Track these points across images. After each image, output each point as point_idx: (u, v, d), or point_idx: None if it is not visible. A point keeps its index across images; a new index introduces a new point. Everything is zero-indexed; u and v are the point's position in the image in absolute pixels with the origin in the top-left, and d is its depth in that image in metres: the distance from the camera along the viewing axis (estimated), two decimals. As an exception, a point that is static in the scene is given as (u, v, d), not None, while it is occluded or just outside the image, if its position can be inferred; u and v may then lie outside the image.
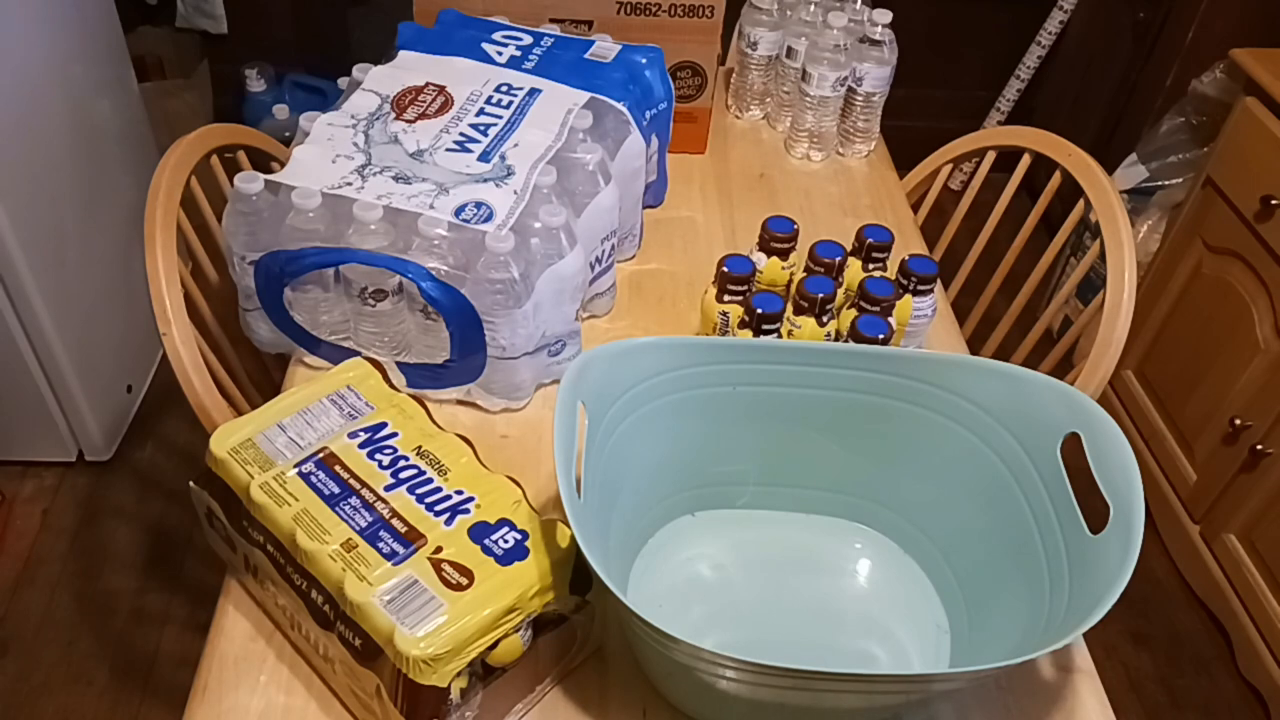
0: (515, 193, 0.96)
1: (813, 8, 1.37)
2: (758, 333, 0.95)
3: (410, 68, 1.10)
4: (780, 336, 0.97)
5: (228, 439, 0.79)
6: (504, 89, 1.08)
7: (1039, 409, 0.81)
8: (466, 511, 0.76)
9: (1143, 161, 2.03)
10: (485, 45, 1.14)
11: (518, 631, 0.72)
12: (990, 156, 1.39)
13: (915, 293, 1.01)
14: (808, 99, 1.36)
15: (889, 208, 1.36)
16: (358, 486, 0.77)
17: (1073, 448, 0.79)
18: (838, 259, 0.99)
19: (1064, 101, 2.52)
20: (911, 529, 0.92)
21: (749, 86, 1.47)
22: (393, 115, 1.04)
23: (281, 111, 2.41)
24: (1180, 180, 1.97)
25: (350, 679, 0.74)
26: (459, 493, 0.77)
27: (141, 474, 1.88)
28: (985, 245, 1.37)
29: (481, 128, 1.03)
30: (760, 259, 1.01)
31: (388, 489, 0.77)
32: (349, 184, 0.96)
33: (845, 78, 1.35)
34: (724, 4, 1.26)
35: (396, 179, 0.97)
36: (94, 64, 1.78)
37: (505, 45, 1.14)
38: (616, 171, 1.08)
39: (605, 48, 1.15)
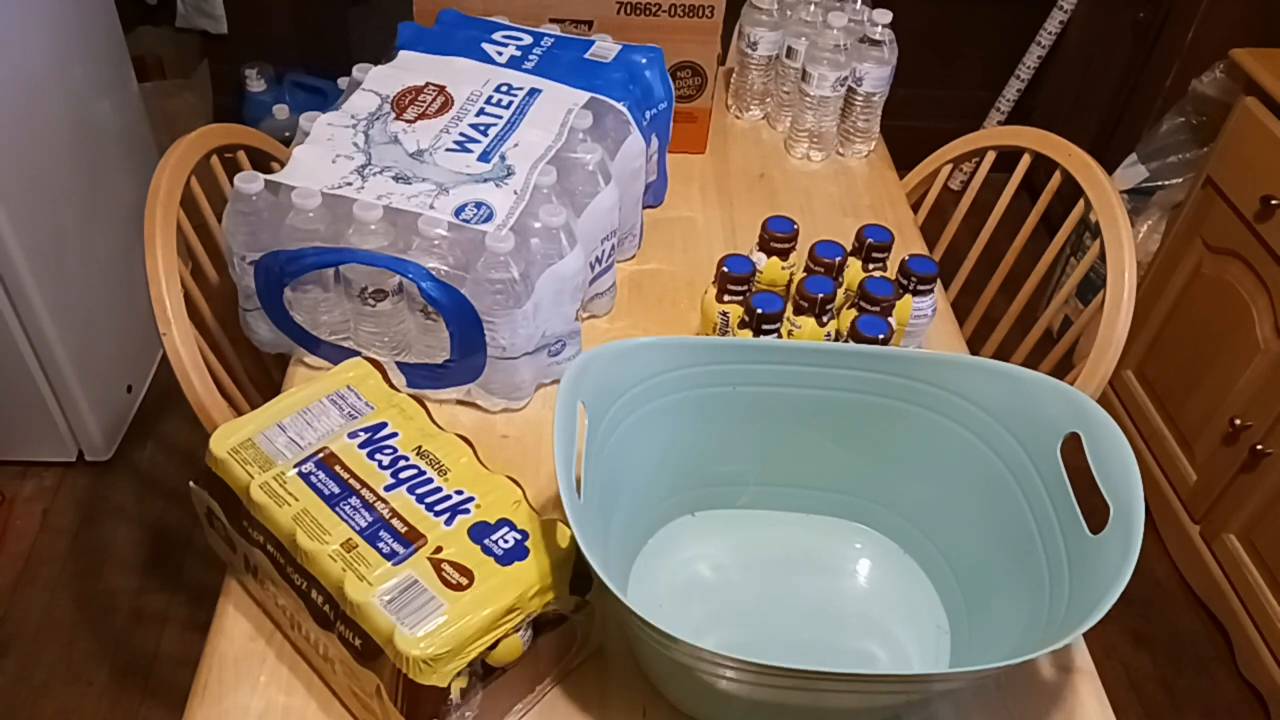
0: (515, 193, 0.96)
1: (813, 8, 1.37)
2: (758, 333, 0.95)
3: (410, 68, 1.10)
4: (780, 336, 0.97)
5: (228, 439, 0.79)
6: (504, 89, 1.08)
7: (1039, 409, 0.81)
8: (466, 511, 0.76)
9: (1143, 161, 2.03)
10: (485, 45, 1.14)
11: (518, 631, 0.72)
12: (990, 156, 1.39)
13: (915, 293, 1.01)
14: (808, 99, 1.36)
15: (889, 208, 1.36)
16: (358, 486, 0.77)
17: (1073, 448, 0.79)
18: (838, 259, 0.99)
19: (1064, 101, 2.52)
20: (911, 529, 0.92)
21: (749, 86, 1.47)
22: (393, 115, 1.04)
23: (281, 111, 2.41)
24: (1180, 180, 1.97)
25: (350, 679, 0.74)
26: (459, 493, 0.77)
27: (141, 474, 1.88)
28: (985, 245, 1.37)
29: (481, 128, 1.03)
30: (760, 259, 1.01)
31: (388, 489, 0.77)
32: (349, 184, 0.96)
33: (845, 78, 1.35)
34: (724, 4, 1.26)
35: (396, 179, 0.97)
36: (94, 64, 1.78)
37: (505, 45, 1.14)
38: (616, 171, 1.08)
39: (605, 48, 1.15)
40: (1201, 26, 2.02)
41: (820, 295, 0.95)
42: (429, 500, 0.76)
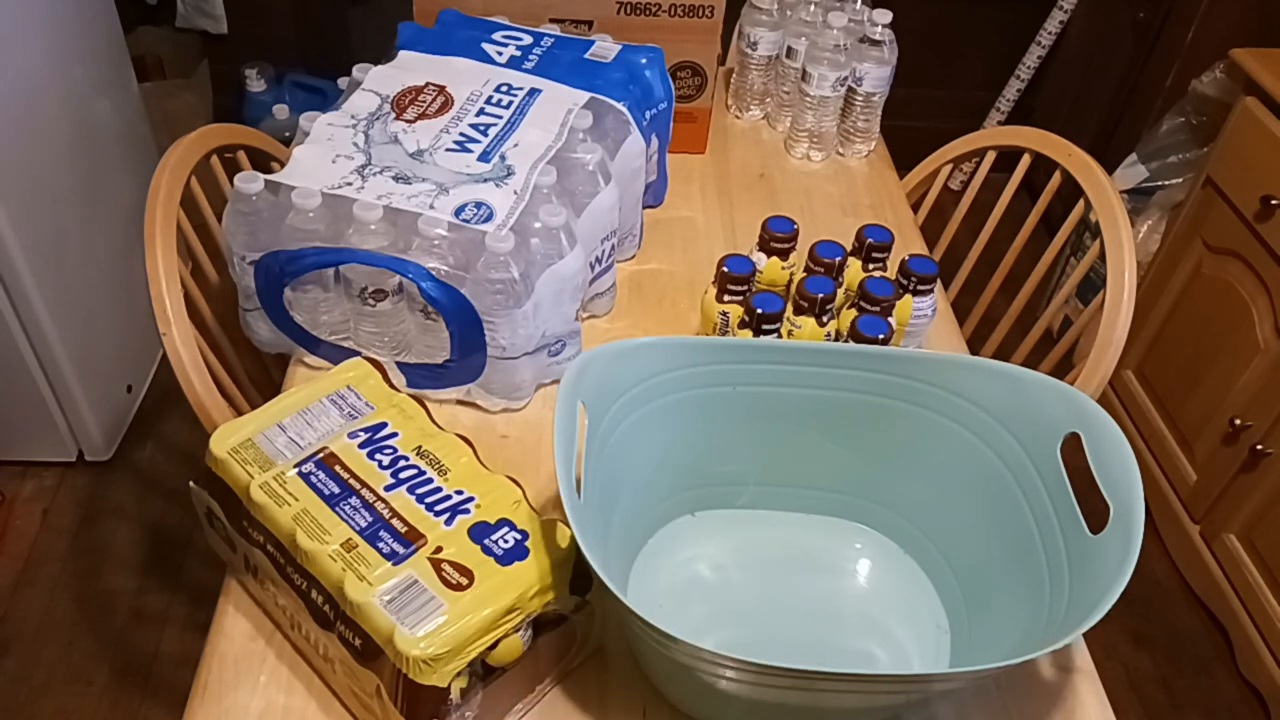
0: (515, 193, 0.96)
1: (813, 8, 1.37)
2: (758, 333, 0.95)
3: (410, 68, 1.10)
4: (780, 336, 0.97)
5: (228, 439, 0.79)
6: (504, 89, 1.08)
7: (1039, 409, 0.81)
8: (466, 511, 0.76)
9: (1143, 161, 2.03)
10: (485, 45, 1.14)
11: (518, 631, 0.72)
12: (990, 156, 1.39)
13: (915, 293, 1.01)
14: (808, 99, 1.36)
15: (889, 208, 1.36)
16: (358, 486, 0.77)
17: (1073, 448, 0.79)
18: (838, 259, 0.99)
19: (1064, 101, 2.52)
20: (911, 529, 0.92)
21: (749, 86, 1.47)
22: (393, 115, 1.04)
23: (281, 111, 2.41)
24: (1180, 180, 1.97)
25: (350, 679, 0.74)
26: (459, 493, 0.77)
27: (141, 474, 1.88)
28: (985, 245, 1.37)
29: (481, 128, 1.03)
30: (760, 259, 1.01)
31: (388, 489, 0.77)
32: (349, 184, 0.96)
33: (845, 78, 1.35)
34: (724, 4, 1.26)
35: (396, 179, 0.97)
36: (94, 64, 1.78)
37: (505, 45, 1.14)
38: (616, 171, 1.08)
39: (605, 48, 1.15)
40: (1201, 26, 2.02)
41: (820, 295, 0.95)
42: (429, 500, 0.76)
